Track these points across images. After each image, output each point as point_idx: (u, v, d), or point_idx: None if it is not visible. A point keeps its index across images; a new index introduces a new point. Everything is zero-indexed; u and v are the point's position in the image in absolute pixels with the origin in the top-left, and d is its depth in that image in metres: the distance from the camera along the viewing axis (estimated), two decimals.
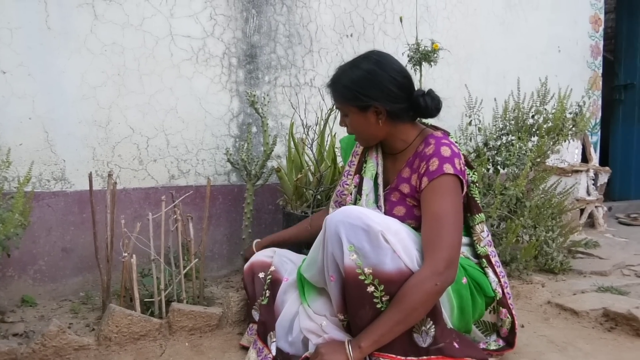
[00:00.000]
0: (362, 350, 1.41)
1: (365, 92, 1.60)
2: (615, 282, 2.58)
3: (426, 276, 1.41)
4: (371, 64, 1.64)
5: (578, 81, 4.36)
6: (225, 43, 2.73)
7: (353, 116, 1.67)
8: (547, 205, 2.76)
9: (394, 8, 3.35)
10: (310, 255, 1.62)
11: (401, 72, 1.66)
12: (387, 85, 1.60)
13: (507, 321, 1.69)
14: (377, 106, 1.61)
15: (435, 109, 1.68)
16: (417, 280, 1.41)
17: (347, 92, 1.64)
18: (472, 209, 1.72)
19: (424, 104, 1.65)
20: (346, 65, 1.70)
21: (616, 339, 1.95)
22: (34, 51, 2.25)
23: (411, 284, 1.41)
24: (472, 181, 1.71)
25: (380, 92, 1.60)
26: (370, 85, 1.60)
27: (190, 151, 2.65)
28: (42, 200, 2.29)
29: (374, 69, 1.62)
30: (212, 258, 2.72)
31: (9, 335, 1.85)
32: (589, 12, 4.53)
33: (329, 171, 2.45)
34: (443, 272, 1.41)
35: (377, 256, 1.41)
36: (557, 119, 2.74)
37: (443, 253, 1.43)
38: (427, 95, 1.66)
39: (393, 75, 1.62)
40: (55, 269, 2.34)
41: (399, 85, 1.62)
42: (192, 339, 1.89)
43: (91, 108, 2.39)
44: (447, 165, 1.53)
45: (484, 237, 1.71)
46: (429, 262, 1.43)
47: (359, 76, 1.62)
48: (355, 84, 1.62)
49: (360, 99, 1.61)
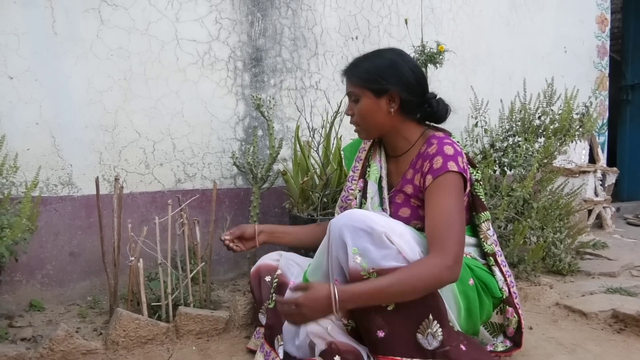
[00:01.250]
0: (342, 291, 1.38)
1: (384, 76, 1.62)
2: (624, 283, 2.56)
3: (436, 264, 1.41)
4: (393, 54, 1.68)
5: (585, 82, 4.34)
6: (230, 47, 2.73)
7: (365, 101, 1.65)
8: (555, 206, 2.75)
9: (399, 10, 3.35)
10: (315, 259, 1.62)
11: (419, 68, 1.70)
12: (407, 75, 1.63)
13: (514, 320, 1.68)
14: (392, 93, 1.62)
15: (445, 113, 1.70)
16: (427, 263, 1.42)
17: (366, 74, 1.65)
18: (477, 207, 1.71)
19: (436, 106, 1.68)
20: (368, 53, 1.72)
21: (626, 340, 1.94)
22: (41, 56, 2.26)
23: (421, 264, 1.42)
24: (476, 179, 1.71)
25: (399, 79, 1.62)
26: (391, 71, 1.63)
27: (196, 155, 2.66)
28: (50, 204, 2.30)
29: (395, 59, 1.65)
30: (219, 261, 2.72)
31: (17, 340, 1.85)
32: (595, 12, 4.51)
33: (335, 174, 2.45)
34: (452, 266, 1.41)
35: (382, 257, 1.41)
36: (563, 119, 2.72)
37: (452, 248, 1.43)
38: (440, 100, 1.70)
39: (412, 68, 1.66)
40: (62, 273, 2.35)
41: (416, 79, 1.65)
42: (199, 343, 1.89)
43: (98, 113, 2.40)
44: (451, 162, 1.53)
45: (490, 235, 1.71)
46: (439, 254, 1.42)
47: (380, 62, 1.65)
48: (376, 68, 1.64)
49: (378, 82, 1.62)
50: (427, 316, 1.43)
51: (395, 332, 1.43)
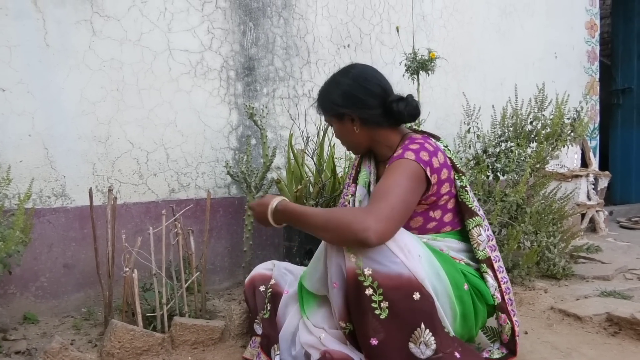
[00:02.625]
0: (280, 203, 1.56)
1: (336, 102, 1.70)
2: (618, 287, 2.57)
3: (358, 215, 1.41)
4: (345, 77, 1.72)
5: (575, 86, 4.38)
6: (223, 56, 2.74)
7: (335, 126, 1.77)
8: (548, 210, 2.76)
9: (390, 18, 3.37)
10: (311, 265, 1.63)
11: (375, 81, 1.71)
12: (358, 94, 1.67)
13: (507, 327, 1.68)
14: (349, 114, 1.69)
15: (409, 115, 1.69)
16: (353, 211, 1.49)
17: (324, 104, 1.77)
18: (464, 213, 1.72)
19: (397, 109, 1.67)
20: (326, 81, 1.80)
21: (620, 343, 1.94)
22: (33, 68, 2.26)
23: (350, 210, 1.56)
24: (461, 186, 1.71)
25: (351, 101, 1.68)
26: (341, 96, 1.69)
27: (190, 164, 2.66)
28: (43, 216, 2.29)
29: (346, 82, 1.70)
30: (214, 271, 2.72)
31: (11, 353, 1.84)
32: (584, 17, 4.56)
33: (329, 182, 2.46)
34: (371, 225, 1.37)
35: (378, 257, 1.41)
36: (555, 124, 2.74)
37: (381, 211, 1.42)
38: (401, 101, 1.68)
39: (365, 85, 1.68)
40: (56, 285, 2.34)
41: (370, 94, 1.68)
42: (195, 353, 1.89)
43: (90, 124, 2.40)
44: (409, 153, 1.56)
45: (482, 240, 1.71)
46: (366, 210, 1.43)
47: (332, 90, 1.73)
48: (329, 95, 1.73)
49: (333, 109, 1.72)
50: (419, 325, 1.42)
51: (388, 341, 1.42)
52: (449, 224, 1.69)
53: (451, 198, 1.68)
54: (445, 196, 1.65)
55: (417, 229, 1.66)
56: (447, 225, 1.69)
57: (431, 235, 1.66)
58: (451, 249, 1.67)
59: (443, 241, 1.67)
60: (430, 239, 1.65)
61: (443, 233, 1.68)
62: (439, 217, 1.66)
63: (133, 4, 2.48)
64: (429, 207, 1.64)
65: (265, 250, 2.84)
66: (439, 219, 1.67)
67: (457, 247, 1.69)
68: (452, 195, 1.68)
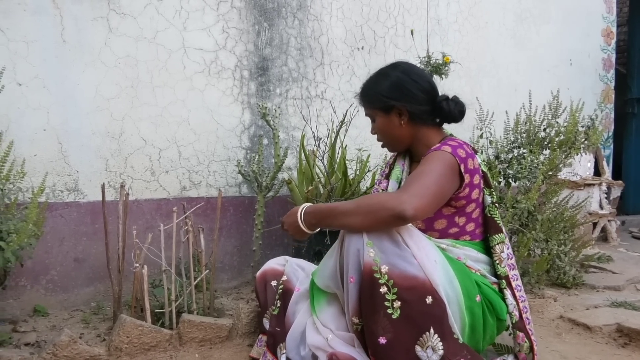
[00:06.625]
0: (308, 206, 1.59)
1: (388, 94, 1.69)
2: (629, 297, 2.55)
3: (393, 195, 1.44)
4: (395, 70, 1.72)
5: (590, 94, 4.34)
6: (237, 56, 2.75)
7: (379, 119, 1.75)
8: (559, 218, 2.74)
9: (405, 21, 3.37)
10: (323, 261, 1.63)
11: (424, 77, 1.73)
12: (409, 87, 1.67)
13: (525, 346, 1.66)
14: (399, 107, 1.68)
15: (459, 113, 1.71)
16: (388, 194, 1.51)
17: (373, 96, 1.74)
18: (490, 229, 1.71)
19: (447, 108, 1.69)
20: (373, 74, 1.79)
21: (630, 355, 1.92)
22: (49, 64, 2.28)
23: (383, 194, 1.54)
24: (492, 202, 1.71)
25: (401, 93, 1.68)
26: (394, 88, 1.69)
27: (201, 163, 2.67)
28: (56, 210, 2.31)
29: (396, 74, 1.70)
30: (223, 269, 2.72)
31: (21, 345, 1.86)
32: (601, 25, 4.52)
33: (340, 184, 2.46)
34: (416, 196, 1.42)
35: (395, 256, 1.41)
36: (569, 132, 2.72)
37: (420, 188, 1.45)
38: (450, 100, 1.71)
39: (415, 79, 1.69)
40: (67, 279, 2.35)
41: (421, 89, 1.69)
42: (202, 350, 1.89)
43: (104, 120, 2.41)
44: (445, 147, 1.58)
45: (504, 257, 1.70)
46: (401, 191, 1.47)
47: (383, 82, 1.72)
48: (377, 87, 1.72)
49: (382, 101, 1.70)
50: (428, 329, 1.42)
51: (396, 341, 1.42)
52: (469, 233, 1.68)
53: (477, 207, 1.67)
54: (473, 203, 1.64)
55: (439, 231, 1.66)
56: (467, 234, 1.68)
57: (450, 241, 1.65)
58: (469, 258, 1.65)
59: (462, 249, 1.65)
60: (449, 245, 1.64)
61: (462, 241, 1.67)
62: (462, 225, 1.66)
63: (149, 2, 2.49)
64: (456, 211, 1.64)
65: (275, 250, 2.85)
66: (461, 226, 1.66)
67: (475, 257, 1.67)
68: (479, 205, 1.68)
